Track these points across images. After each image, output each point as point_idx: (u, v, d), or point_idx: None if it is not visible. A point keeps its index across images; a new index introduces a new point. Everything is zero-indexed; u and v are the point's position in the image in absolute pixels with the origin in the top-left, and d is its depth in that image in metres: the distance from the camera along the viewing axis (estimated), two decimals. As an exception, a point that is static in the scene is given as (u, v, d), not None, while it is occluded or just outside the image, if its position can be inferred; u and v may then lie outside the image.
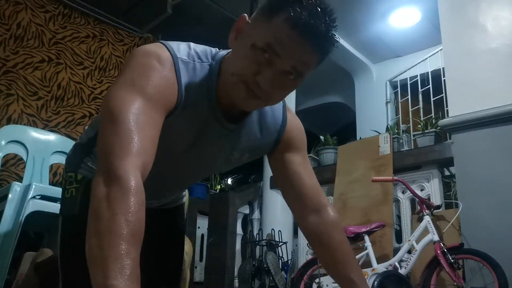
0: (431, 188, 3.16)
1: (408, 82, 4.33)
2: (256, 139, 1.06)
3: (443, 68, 3.37)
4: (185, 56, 0.92)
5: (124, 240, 0.68)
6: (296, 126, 1.11)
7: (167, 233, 1.31)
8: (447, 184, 3.31)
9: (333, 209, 1.12)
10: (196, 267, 3.95)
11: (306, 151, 1.14)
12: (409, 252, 2.69)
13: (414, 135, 3.66)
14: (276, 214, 4.03)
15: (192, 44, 0.97)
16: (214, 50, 0.98)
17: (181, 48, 0.93)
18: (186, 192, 1.36)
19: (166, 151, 0.85)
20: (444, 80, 3.29)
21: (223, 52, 0.97)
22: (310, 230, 1.10)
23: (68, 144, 2.53)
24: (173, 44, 0.93)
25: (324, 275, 2.86)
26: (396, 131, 3.68)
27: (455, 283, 2.32)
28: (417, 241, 2.62)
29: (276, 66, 0.85)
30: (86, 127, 1.22)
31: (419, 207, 2.74)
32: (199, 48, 0.97)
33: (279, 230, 3.83)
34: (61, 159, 2.51)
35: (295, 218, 1.16)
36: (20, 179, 2.85)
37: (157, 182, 0.90)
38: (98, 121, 1.11)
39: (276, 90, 0.89)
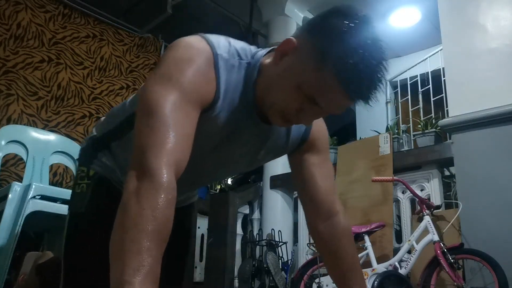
0: (431, 188, 3.16)
1: (408, 82, 4.33)
2: (283, 140, 1.05)
3: (443, 68, 3.37)
4: (225, 53, 0.90)
5: (147, 237, 0.68)
6: (320, 128, 1.10)
7: (175, 231, 1.26)
8: (447, 184, 3.31)
9: (345, 216, 1.11)
10: (196, 267, 3.95)
11: (328, 154, 1.12)
12: (409, 252, 2.69)
13: (414, 135, 3.67)
14: (276, 214, 4.03)
15: (231, 39, 0.95)
16: (253, 48, 0.97)
17: (221, 44, 0.91)
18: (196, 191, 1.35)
19: (195, 147, 0.84)
20: (444, 80, 3.29)
21: (262, 52, 0.95)
22: (320, 236, 1.09)
23: (68, 144, 2.53)
24: (213, 38, 0.91)
25: (324, 275, 2.86)
26: (396, 131, 3.68)
27: (455, 283, 2.32)
28: (417, 241, 2.62)
29: (318, 109, 0.86)
30: (102, 118, 1.18)
31: (419, 207, 2.74)
32: (238, 44, 0.95)
33: (279, 230, 3.83)
34: (61, 159, 2.51)
35: (307, 221, 1.14)
36: (20, 179, 2.85)
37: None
38: (116, 114, 1.09)
39: (312, 120, 0.93)
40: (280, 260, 3.65)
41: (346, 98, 0.82)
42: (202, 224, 4.06)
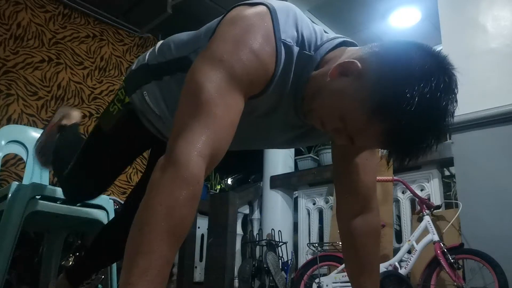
0: (431, 188, 3.16)
1: (408, 82, 4.32)
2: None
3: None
4: (289, 38, 0.81)
5: (159, 236, 0.64)
6: None
7: None
8: (447, 184, 3.31)
9: (379, 215, 1.08)
10: (196, 267, 3.94)
11: (377, 149, 1.06)
12: (409, 252, 2.68)
13: (414, 135, 3.65)
14: (276, 214, 4.02)
15: (299, 20, 0.85)
16: (319, 37, 0.87)
17: (288, 26, 0.82)
18: None
19: None
20: (444, 80, 3.28)
21: (327, 45, 0.87)
22: (350, 229, 1.05)
23: (68, 144, 2.53)
24: (281, 17, 0.81)
25: (324, 275, 2.86)
26: (396, 131, 3.67)
27: (455, 283, 2.32)
28: (417, 241, 2.62)
29: (349, 141, 0.82)
30: (158, 44, 1.11)
31: (419, 207, 2.74)
32: (306, 30, 0.85)
33: (279, 230, 3.83)
34: (61, 159, 2.50)
35: (337, 213, 1.08)
36: (20, 179, 2.86)
37: None
38: (176, 46, 1.00)
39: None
40: (280, 260, 3.65)
41: (382, 148, 0.81)
42: (202, 224, 4.06)
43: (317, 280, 2.85)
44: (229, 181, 5.01)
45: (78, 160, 1.25)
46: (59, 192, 1.59)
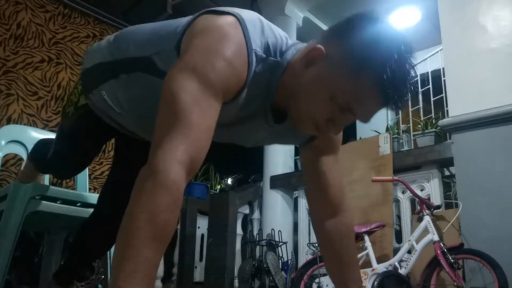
0: (431, 188, 3.16)
1: (408, 82, 4.32)
2: (294, 135, 1.03)
3: (443, 68, 3.37)
4: (258, 48, 0.85)
5: (143, 241, 0.67)
6: None
7: None
8: (447, 184, 3.31)
9: (350, 216, 1.11)
10: (196, 267, 3.94)
11: (338, 153, 1.11)
12: (409, 252, 2.69)
13: (414, 135, 3.66)
14: (276, 214, 4.03)
15: (265, 27, 0.89)
16: (284, 43, 0.91)
17: (256, 35, 0.86)
18: None
19: None
20: (444, 80, 3.29)
21: (292, 51, 0.90)
22: (324, 231, 1.09)
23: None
24: (250, 26, 0.85)
25: (324, 275, 2.86)
26: (396, 131, 3.67)
27: (455, 283, 2.32)
28: (417, 241, 2.62)
29: (349, 117, 0.85)
30: (112, 37, 1.12)
31: (419, 207, 2.74)
32: (271, 38, 0.89)
33: (279, 230, 3.83)
34: (61, 159, 2.50)
35: (311, 216, 1.15)
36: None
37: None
38: (133, 43, 1.01)
39: (338, 130, 0.90)
40: (280, 260, 3.65)
41: (380, 104, 0.82)
42: (202, 224, 4.06)
43: (317, 280, 2.85)
44: (229, 181, 5.00)
45: (55, 150, 1.35)
46: (59, 192, 1.59)
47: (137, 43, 1.01)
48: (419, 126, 3.51)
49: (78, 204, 1.68)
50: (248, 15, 0.88)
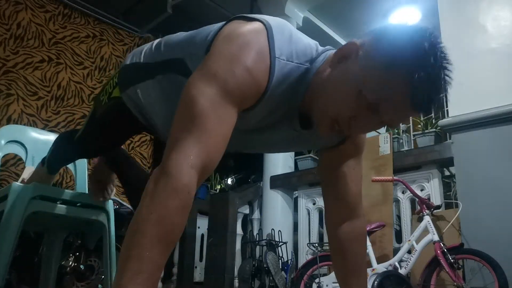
0: (431, 188, 3.16)
1: (408, 82, 4.32)
2: (322, 140, 1.02)
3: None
4: (284, 56, 0.84)
5: (150, 242, 0.68)
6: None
7: None
8: (447, 184, 3.31)
9: (365, 221, 1.12)
10: (196, 267, 3.95)
11: (362, 157, 1.09)
12: (409, 252, 2.69)
13: (414, 135, 3.66)
14: (276, 214, 4.03)
15: (293, 35, 0.87)
16: (314, 50, 0.90)
17: (283, 43, 0.84)
18: None
19: None
20: (444, 80, 3.29)
21: (322, 56, 0.89)
22: (337, 235, 1.09)
23: (68, 144, 2.52)
24: (276, 34, 0.83)
25: (324, 275, 2.86)
26: (396, 131, 3.67)
27: (455, 283, 2.32)
28: (417, 241, 2.62)
29: (375, 118, 0.81)
30: (156, 42, 1.14)
31: (419, 207, 2.74)
32: (300, 45, 0.87)
33: (279, 230, 3.83)
34: (61, 159, 2.50)
35: (326, 219, 1.13)
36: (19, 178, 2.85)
37: None
38: (173, 46, 1.03)
39: (362, 132, 0.87)
40: (280, 260, 3.65)
41: (409, 107, 0.78)
42: (202, 224, 4.06)
43: (317, 280, 2.85)
44: (229, 181, 5.01)
45: (84, 131, 1.38)
46: (59, 192, 1.59)
47: (172, 46, 1.03)
48: (419, 126, 3.51)
49: (78, 204, 1.68)
50: (276, 22, 0.87)
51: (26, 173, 1.75)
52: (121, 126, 1.28)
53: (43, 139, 1.96)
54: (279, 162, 4.14)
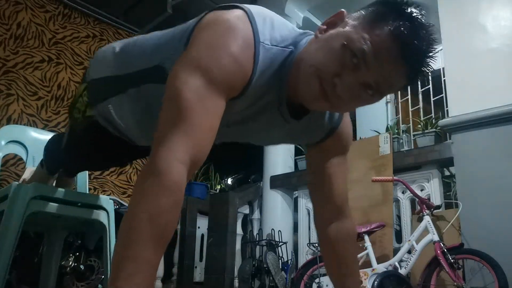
0: (431, 188, 3.16)
1: (408, 82, 4.32)
2: (309, 132, 1.00)
3: (443, 68, 3.37)
4: (267, 41, 0.81)
5: (144, 242, 0.66)
6: (347, 128, 1.04)
7: None
8: (447, 184, 3.31)
9: (352, 220, 1.11)
10: (196, 267, 3.95)
11: (347, 155, 1.07)
12: (409, 252, 2.69)
13: (414, 135, 3.66)
14: (276, 214, 4.03)
15: (275, 20, 0.86)
16: (297, 32, 0.88)
17: (266, 28, 0.82)
18: None
19: None
20: (444, 80, 3.29)
21: (307, 38, 0.87)
22: (326, 235, 1.08)
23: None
24: (259, 20, 0.81)
25: (324, 275, 2.86)
26: (396, 131, 3.68)
27: (455, 283, 2.32)
28: (417, 241, 2.62)
29: (360, 75, 0.77)
30: (117, 48, 1.07)
31: (419, 207, 2.74)
32: (282, 30, 0.85)
33: (279, 230, 3.83)
34: (61, 159, 2.50)
35: (315, 221, 1.13)
36: (20, 179, 2.85)
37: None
38: (138, 56, 0.98)
39: (349, 100, 0.81)
40: (280, 260, 3.65)
41: (395, 59, 0.75)
42: (202, 224, 4.06)
43: (317, 280, 2.85)
44: (229, 181, 5.01)
45: (66, 147, 1.36)
46: (59, 192, 1.59)
47: (145, 54, 0.98)
48: (419, 126, 3.51)
49: (78, 204, 1.68)
50: (257, 9, 0.85)
51: (27, 174, 1.75)
52: (100, 145, 1.24)
53: (43, 139, 1.95)
54: (279, 162, 4.14)
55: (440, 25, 3.24)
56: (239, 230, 4.02)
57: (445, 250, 2.40)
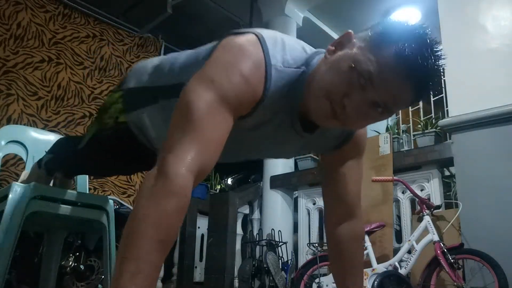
0: (431, 188, 3.16)
1: (408, 82, 4.32)
2: (324, 142, 1.03)
3: (443, 68, 3.37)
4: (279, 63, 0.86)
5: (147, 243, 0.68)
6: (362, 133, 1.07)
7: None
8: (447, 184, 3.31)
9: (362, 221, 1.13)
10: (196, 267, 3.95)
11: (362, 158, 1.10)
12: (409, 252, 2.69)
13: (414, 135, 3.66)
14: (276, 214, 4.03)
15: (286, 43, 0.90)
16: (309, 52, 0.92)
17: (277, 51, 0.87)
18: None
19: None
20: (444, 80, 3.29)
21: (318, 57, 0.91)
22: (336, 235, 1.11)
23: (68, 144, 2.52)
24: (270, 44, 0.86)
25: (324, 275, 2.86)
26: (396, 131, 3.68)
27: (455, 283, 2.32)
28: (417, 241, 2.62)
29: (367, 95, 0.80)
30: (156, 62, 1.16)
31: (419, 207, 2.74)
32: (294, 52, 0.90)
33: (279, 230, 3.83)
34: (61, 159, 2.50)
35: (325, 220, 1.16)
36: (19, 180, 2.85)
37: None
38: (168, 73, 1.05)
39: (358, 118, 0.84)
40: (280, 260, 3.65)
41: (401, 79, 0.77)
42: (202, 224, 4.06)
43: (317, 280, 2.85)
44: (229, 181, 5.01)
45: (84, 148, 1.34)
46: (59, 192, 1.59)
47: (174, 71, 1.05)
48: (419, 126, 3.51)
49: (78, 204, 1.68)
50: (268, 33, 0.90)
51: (22, 177, 1.75)
52: (126, 151, 1.28)
53: (43, 139, 1.96)
54: (279, 162, 4.14)
55: (440, 25, 3.24)
56: (239, 230, 4.02)
57: (445, 250, 2.40)
